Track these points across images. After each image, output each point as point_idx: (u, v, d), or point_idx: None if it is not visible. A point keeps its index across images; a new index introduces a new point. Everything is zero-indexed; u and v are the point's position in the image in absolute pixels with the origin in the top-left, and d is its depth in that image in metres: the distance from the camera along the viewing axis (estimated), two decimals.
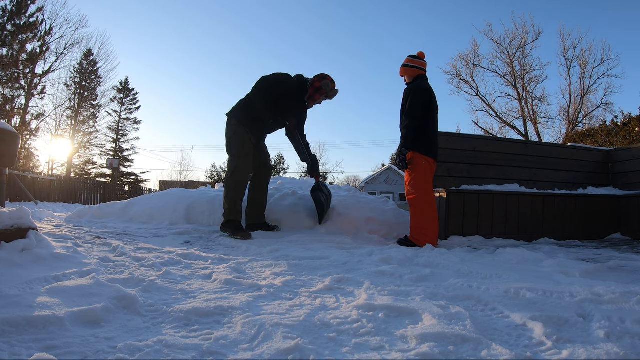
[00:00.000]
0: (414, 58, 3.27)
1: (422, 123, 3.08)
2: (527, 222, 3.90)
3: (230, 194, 3.24)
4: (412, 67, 3.23)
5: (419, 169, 3.09)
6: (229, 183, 3.29)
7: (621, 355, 0.90)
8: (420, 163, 3.09)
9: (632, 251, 3.02)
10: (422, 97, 3.08)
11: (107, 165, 22.69)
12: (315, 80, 3.41)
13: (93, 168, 26.89)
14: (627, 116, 11.34)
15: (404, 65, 3.27)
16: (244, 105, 3.39)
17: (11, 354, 0.86)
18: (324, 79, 3.41)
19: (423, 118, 3.08)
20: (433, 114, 3.15)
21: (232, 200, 3.23)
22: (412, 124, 3.04)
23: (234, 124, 3.32)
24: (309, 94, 3.40)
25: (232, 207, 3.23)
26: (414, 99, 3.07)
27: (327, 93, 3.44)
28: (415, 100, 3.06)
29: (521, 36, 19.76)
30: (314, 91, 3.40)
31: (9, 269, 1.47)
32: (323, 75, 3.44)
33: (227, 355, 0.93)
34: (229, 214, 3.24)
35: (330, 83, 3.42)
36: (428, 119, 3.11)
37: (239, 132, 3.29)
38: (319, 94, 3.42)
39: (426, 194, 3.09)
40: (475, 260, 2.28)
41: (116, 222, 3.64)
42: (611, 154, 4.73)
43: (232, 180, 3.26)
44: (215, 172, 29.38)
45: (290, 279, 1.71)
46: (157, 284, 1.50)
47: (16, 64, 16.66)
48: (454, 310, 1.24)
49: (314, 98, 3.43)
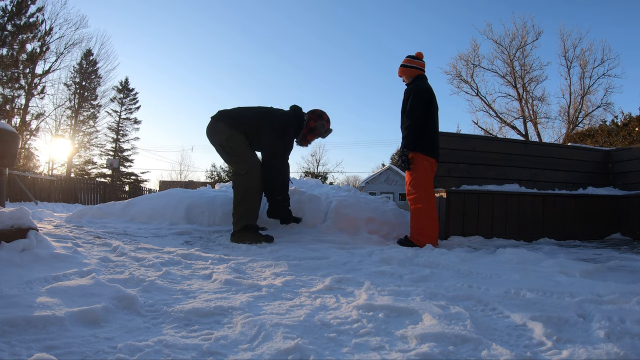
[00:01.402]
0: (413, 58, 3.27)
1: (422, 123, 3.08)
2: (527, 222, 3.90)
3: (247, 198, 2.99)
4: (410, 68, 3.23)
5: (420, 169, 3.09)
6: (244, 186, 3.00)
7: (621, 355, 0.90)
8: (421, 163, 3.09)
9: (632, 251, 3.02)
10: (423, 97, 3.08)
11: (107, 165, 22.70)
12: (310, 118, 3.28)
13: (93, 168, 26.92)
14: (627, 116, 11.34)
15: (403, 66, 3.27)
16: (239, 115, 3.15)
17: (11, 354, 0.86)
18: (320, 119, 3.28)
19: (424, 118, 3.08)
20: (433, 113, 3.15)
21: (250, 203, 3.00)
22: (413, 124, 3.04)
23: (223, 128, 3.07)
24: (302, 133, 3.28)
25: (249, 211, 2.98)
26: (415, 99, 3.07)
27: (321, 134, 3.33)
28: (416, 101, 3.06)
29: (521, 36, 19.80)
30: (307, 131, 3.29)
31: (9, 269, 1.47)
32: (320, 114, 3.31)
33: (227, 355, 0.93)
34: (247, 219, 2.96)
35: (326, 123, 3.31)
36: (429, 118, 3.11)
37: (233, 133, 3.06)
38: (312, 135, 3.32)
39: (427, 194, 3.09)
40: (475, 260, 2.28)
41: (116, 222, 3.64)
42: (611, 154, 4.73)
43: (247, 182, 3.00)
44: (215, 172, 29.42)
45: (290, 279, 1.71)
46: (157, 284, 1.50)
47: (16, 64, 16.68)
48: (454, 310, 1.24)
49: (306, 139, 3.32)
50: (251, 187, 3.02)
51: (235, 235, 2.93)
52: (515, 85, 20.06)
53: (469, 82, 20.79)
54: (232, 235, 2.96)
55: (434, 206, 3.11)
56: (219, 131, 3.10)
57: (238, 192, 3.04)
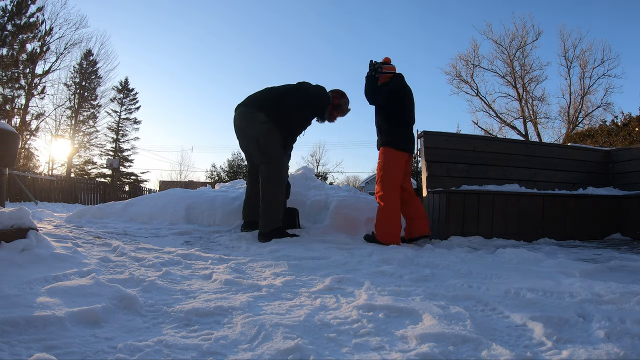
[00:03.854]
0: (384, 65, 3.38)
1: (394, 117, 3.17)
2: (527, 222, 3.90)
3: (278, 201, 3.05)
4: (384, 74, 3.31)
5: (387, 166, 3.13)
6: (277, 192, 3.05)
7: (621, 355, 0.90)
8: (390, 159, 3.13)
9: (632, 251, 3.02)
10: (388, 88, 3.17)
11: (107, 165, 22.70)
12: (334, 96, 3.36)
13: (93, 168, 26.88)
14: (627, 116, 11.32)
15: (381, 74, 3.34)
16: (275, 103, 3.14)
17: (11, 354, 0.86)
18: (343, 97, 3.38)
19: (397, 113, 3.17)
20: (406, 108, 3.22)
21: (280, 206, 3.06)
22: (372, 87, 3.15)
23: (264, 119, 3.06)
24: (328, 111, 3.37)
25: (279, 214, 3.05)
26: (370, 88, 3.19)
27: (343, 110, 3.44)
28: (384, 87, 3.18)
29: (521, 36, 19.79)
30: (332, 108, 3.38)
31: (9, 269, 1.47)
32: (342, 93, 3.41)
33: (227, 355, 0.93)
34: (278, 221, 3.03)
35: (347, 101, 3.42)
36: (402, 114, 3.19)
37: (270, 129, 3.06)
38: (337, 111, 3.41)
39: (390, 193, 3.09)
40: (475, 261, 2.28)
41: (116, 222, 3.64)
42: (611, 154, 4.73)
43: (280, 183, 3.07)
44: (215, 172, 29.38)
45: (290, 279, 1.71)
46: (157, 284, 1.50)
47: (16, 64, 16.66)
48: (454, 310, 1.24)
49: (332, 115, 3.42)
50: (278, 192, 3.07)
51: (264, 236, 2.97)
52: (515, 85, 20.07)
53: (469, 82, 20.78)
54: (260, 235, 3.00)
55: (396, 205, 3.10)
56: (258, 123, 3.07)
57: (266, 194, 3.06)
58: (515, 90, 20.11)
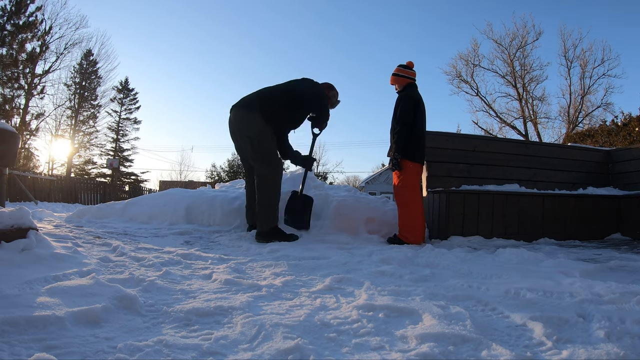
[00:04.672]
0: (404, 67, 3.44)
1: (411, 129, 3.25)
2: (527, 222, 3.89)
3: (274, 199, 3.06)
4: (402, 77, 3.40)
5: (407, 172, 3.27)
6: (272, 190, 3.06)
7: (621, 355, 0.90)
8: (408, 167, 3.27)
9: (632, 251, 3.02)
10: (412, 104, 3.27)
11: (107, 165, 22.69)
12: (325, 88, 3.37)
13: (93, 168, 26.88)
14: (627, 116, 11.32)
15: (394, 75, 3.44)
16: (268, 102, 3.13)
17: (11, 354, 0.86)
18: (332, 89, 3.40)
19: (412, 125, 3.25)
20: (420, 120, 3.32)
21: (276, 204, 3.08)
22: (403, 131, 3.22)
23: (258, 119, 3.06)
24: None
25: (276, 212, 3.06)
26: (405, 107, 3.25)
27: (333, 103, 3.45)
28: (406, 109, 3.25)
29: (521, 36, 19.76)
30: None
31: (9, 269, 1.47)
32: (330, 85, 3.42)
33: (227, 355, 0.93)
34: (275, 220, 3.04)
35: (337, 93, 3.44)
36: (416, 126, 3.28)
37: (266, 129, 3.06)
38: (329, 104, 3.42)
39: (413, 195, 3.28)
40: (475, 261, 2.28)
41: (116, 222, 3.64)
42: (611, 154, 4.73)
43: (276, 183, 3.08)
44: (215, 172, 29.38)
45: (290, 279, 1.71)
46: (157, 284, 1.50)
47: (16, 64, 16.64)
48: (454, 310, 1.24)
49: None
50: (274, 191, 3.08)
51: (262, 236, 2.97)
52: (515, 85, 20.04)
53: (469, 82, 20.75)
54: (258, 235, 3.00)
55: (420, 206, 3.30)
56: (252, 123, 3.07)
57: (263, 194, 3.06)
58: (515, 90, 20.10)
